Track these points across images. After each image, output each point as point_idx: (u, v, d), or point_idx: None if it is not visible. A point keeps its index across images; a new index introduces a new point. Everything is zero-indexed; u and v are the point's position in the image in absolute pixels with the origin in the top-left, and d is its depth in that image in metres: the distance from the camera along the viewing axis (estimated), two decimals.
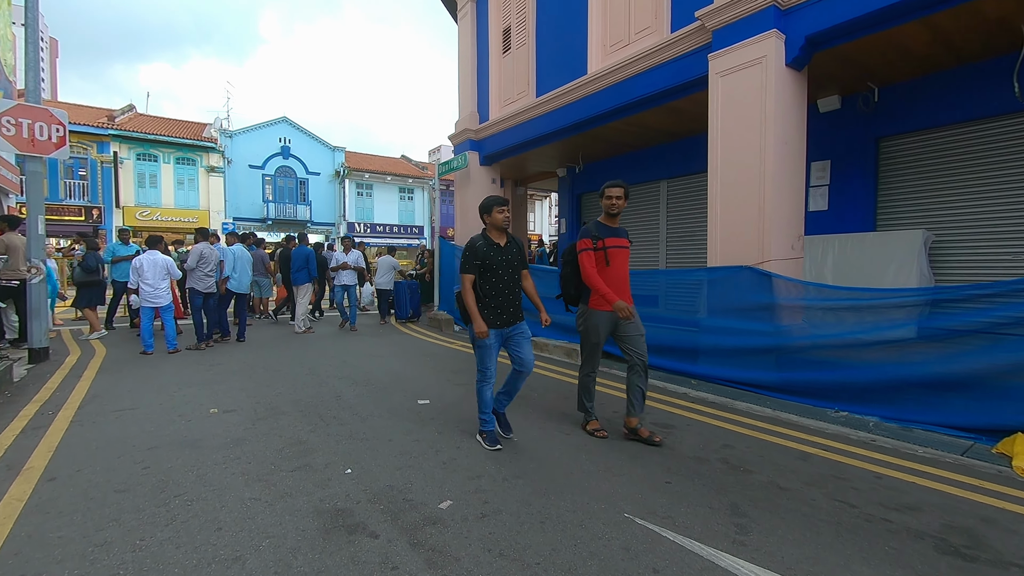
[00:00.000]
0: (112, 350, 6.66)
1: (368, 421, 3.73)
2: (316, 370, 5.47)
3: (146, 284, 6.47)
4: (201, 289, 6.83)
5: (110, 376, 5.17)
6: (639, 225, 8.90)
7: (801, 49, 4.61)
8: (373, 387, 4.74)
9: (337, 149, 28.48)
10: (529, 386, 4.78)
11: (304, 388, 4.69)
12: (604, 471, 2.86)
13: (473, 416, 3.74)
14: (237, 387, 4.73)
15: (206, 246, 6.94)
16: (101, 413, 3.92)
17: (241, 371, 5.42)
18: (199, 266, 6.81)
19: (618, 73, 6.39)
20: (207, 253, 6.86)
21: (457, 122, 9.84)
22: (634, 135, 7.75)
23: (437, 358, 6.28)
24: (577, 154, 9.12)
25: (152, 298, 6.49)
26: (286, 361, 5.98)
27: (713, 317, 5.14)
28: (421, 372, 5.43)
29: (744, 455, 3.11)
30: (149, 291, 6.49)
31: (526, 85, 8.29)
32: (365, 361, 6.01)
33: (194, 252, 6.84)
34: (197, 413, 3.92)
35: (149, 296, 6.49)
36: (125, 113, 23.65)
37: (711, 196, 5.21)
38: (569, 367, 5.76)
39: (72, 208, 20.61)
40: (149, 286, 6.47)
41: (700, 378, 5.14)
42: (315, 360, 6.04)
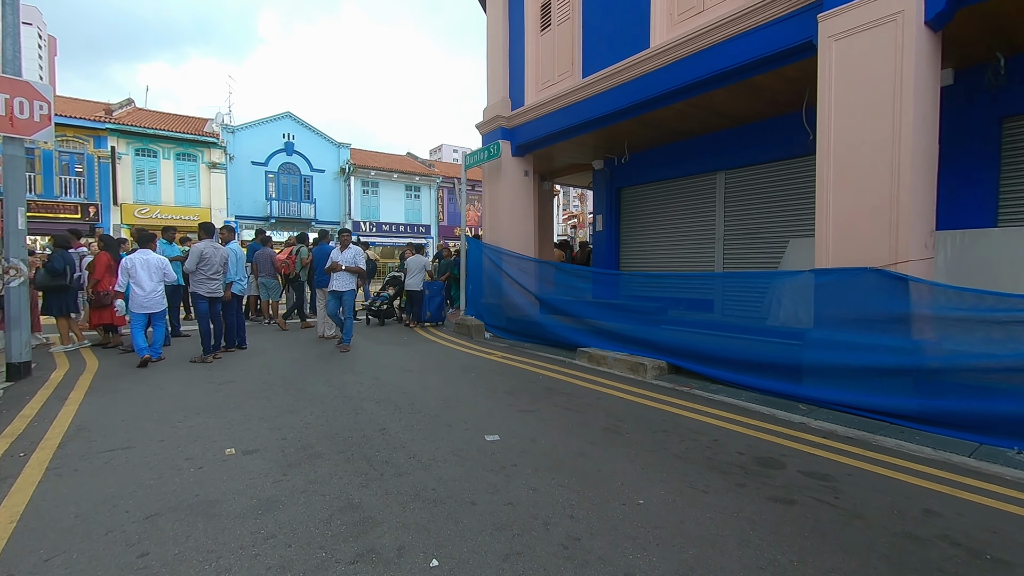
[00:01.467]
0: (105, 362, 5.80)
1: (432, 469, 2.87)
2: (346, 390, 4.62)
3: (138, 287, 5.69)
4: (203, 293, 6.00)
5: (101, 399, 4.32)
6: (689, 222, 8.06)
7: (947, 2, 3.77)
8: (421, 415, 3.88)
9: (342, 145, 27.64)
10: (609, 413, 3.93)
11: (337, 416, 3.84)
12: (799, 562, 2.01)
13: (566, 461, 2.90)
14: (255, 414, 3.87)
15: (208, 245, 6.11)
16: (87, 455, 3.07)
17: (257, 391, 4.57)
18: (200, 268, 5.97)
19: (689, 45, 5.54)
20: (209, 253, 6.02)
21: (486, 109, 8.99)
22: (695, 119, 6.90)
23: (480, 373, 5.43)
24: (619, 143, 8.28)
25: (146, 303, 5.74)
26: (308, 377, 5.12)
27: (824, 329, 4.29)
28: (470, 393, 4.58)
29: (968, 529, 2.26)
30: (142, 295, 5.71)
31: (569, 65, 7.44)
32: (399, 377, 5.16)
33: (193, 252, 6.00)
34: (209, 454, 3.07)
35: (142, 301, 5.72)
36: (123, 107, 22.78)
37: (821, 185, 4.36)
38: (640, 386, 4.92)
39: (67, 205, 19.73)
40: (141, 289, 5.70)
41: (807, 401, 4.30)
42: (340, 376, 5.19)
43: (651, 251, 8.75)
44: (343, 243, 6.94)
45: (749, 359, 4.88)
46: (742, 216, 7.34)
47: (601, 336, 6.43)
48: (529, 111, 8.10)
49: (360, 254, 6.95)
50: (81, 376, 5.14)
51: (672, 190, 8.33)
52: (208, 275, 6.03)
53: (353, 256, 6.81)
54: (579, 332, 6.74)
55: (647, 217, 8.83)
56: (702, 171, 7.76)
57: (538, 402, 4.27)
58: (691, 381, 5.06)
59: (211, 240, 6.24)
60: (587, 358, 6.00)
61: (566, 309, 7.01)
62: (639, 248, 8.99)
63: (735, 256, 7.42)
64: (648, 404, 4.25)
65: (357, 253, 6.88)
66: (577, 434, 3.46)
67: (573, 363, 6.03)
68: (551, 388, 4.76)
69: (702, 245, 7.86)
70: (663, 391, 4.71)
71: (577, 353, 6.19)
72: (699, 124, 7.11)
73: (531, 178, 8.93)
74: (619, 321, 6.34)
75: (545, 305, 7.46)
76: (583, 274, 7.29)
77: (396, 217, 29.02)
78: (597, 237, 9.76)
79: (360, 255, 6.94)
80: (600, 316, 6.55)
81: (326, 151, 27.27)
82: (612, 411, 4.02)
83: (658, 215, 8.61)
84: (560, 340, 6.96)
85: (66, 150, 19.86)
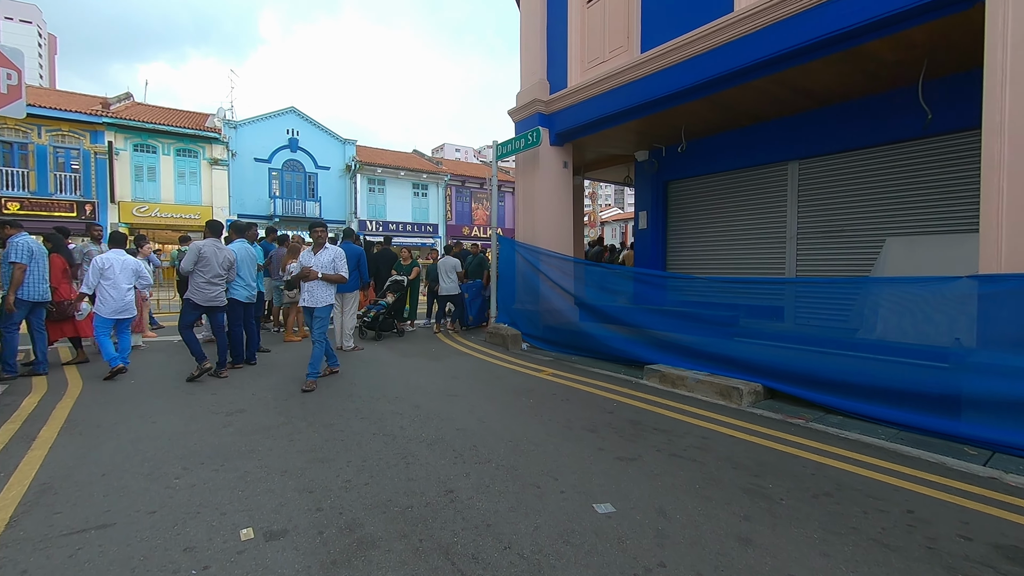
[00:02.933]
0: (90, 385, 4.90)
1: (545, 571, 1.97)
2: (384, 424, 3.72)
3: (111, 289, 5.07)
4: (199, 301, 5.16)
5: (79, 440, 3.41)
6: (753, 219, 7.15)
7: None
8: (492, 465, 2.98)
9: (348, 142, 26.74)
10: (732, 461, 3.02)
11: (384, 469, 2.94)
12: None
13: (732, 555, 2.00)
14: (276, 465, 2.98)
15: (210, 244, 5.29)
16: (47, 537, 2.18)
17: (274, 426, 3.67)
18: (198, 270, 5.13)
19: (789, 4, 4.63)
20: (208, 253, 5.18)
21: (520, 94, 8.08)
22: (774, 99, 5.99)
23: (540, 399, 4.53)
24: (674, 129, 7.37)
25: (119, 308, 5.13)
26: (333, 405, 4.22)
27: (995, 351, 3.38)
28: (541, 430, 3.68)
29: None
30: (114, 299, 5.08)
31: (624, 39, 6.53)
32: (445, 405, 4.26)
33: (191, 250, 5.16)
34: (218, 539, 2.17)
35: (117, 305, 5.10)
36: (121, 101, 21.89)
37: (990, 170, 3.45)
38: (739, 416, 4.01)
39: (63, 203, 18.85)
40: (115, 291, 5.08)
41: (969, 442, 3.40)
42: (373, 403, 4.28)
43: (705, 252, 7.84)
44: (317, 242, 5.14)
45: (876, 384, 3.97)
46: (821, 212, 6.42)
47: (666, 350, 5.52)
48: (572, 94, 7.19)
49: (341, 256, 5.18)
50: (59, 404, 4.23)
51: (732, 183, 7.41)
52: (208, 279, 5.17)
53: (332, 260, 5.09)
54: (637, 344, 5.84)
55: (701, 214, 7.92)
56: (771, 160, 6.85)
57: (634, 444, 3.36)
58: (799, 410, 4.16)
59: (216, 240, 5.36)
60: (658, 378, 5.09)
61: (622, 318, 6.10)
62: (690, 248, 8.08)
63: (811, 258, 6.51)
64: (770, 446, 3.34)
65: (337, 256, 5.15)
66: (715, 501, 2.55)
67: (640, 383, 5.12)
68: (637, 421, 3.85)
69: (769, 245, 6.95)
70: (772, 424, 3.81)
71: (644, 371, 5.28)
72: (775, 105, 6.20)
73: (570, 170, 8.02)
74: (690, 332, 5.43)
75: (594, 312, 6.55)
76: (646, 278, 6.35)
77: (403, 216, 28.13)
78: (639, 236, 8.85)
79: (341, 258, 5.17)
80: (665, 326, 5.64)
81: (331, 148, 26.37)
82: (734, 458, 3.12)
83: (714, 212, 7.69)
84: (614, 353, 6.05)
85: (61, 145, 18.98)
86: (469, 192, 30.92)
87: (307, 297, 5.02)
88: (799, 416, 4.00)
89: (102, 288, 5.11)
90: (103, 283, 5.10)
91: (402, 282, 8.17)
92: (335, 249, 5.21)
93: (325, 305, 5.03)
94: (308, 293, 5.02)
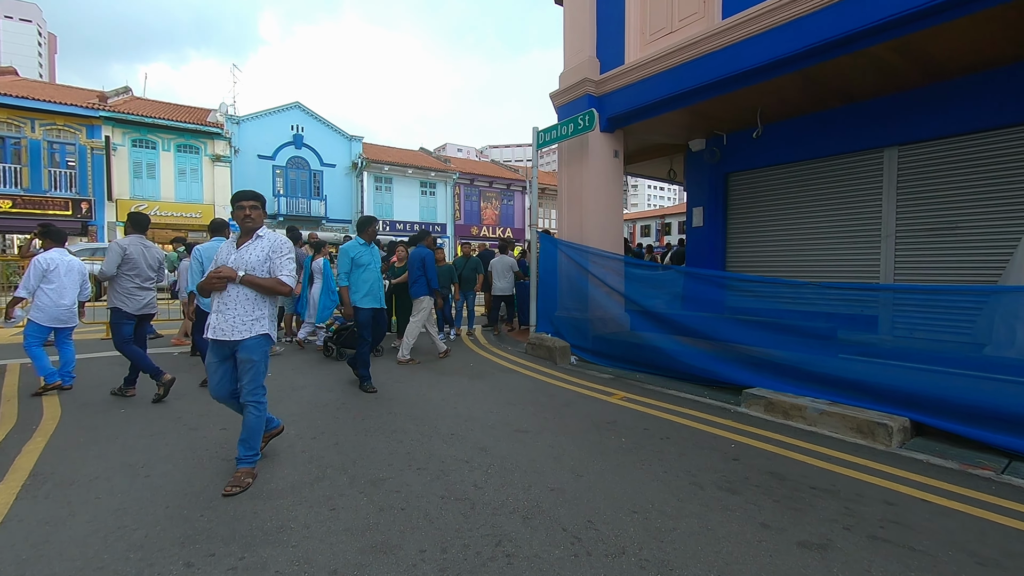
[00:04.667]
0: (71, 415, 3.98)
1: None
2: (450, 479, 2.81)
3: (52, 294, 4.41)
4: (129, 310, 4.40)
5: (40, 509, 2.49)
6: (838, 215, 6.24)
7: None
8: (632, 561, 2.07)
9: (354, 139, 25.86)
10: (912, 527, 2.10)
11: (478, 569, 2.02)
12: None
13: None
14: (321, 561, 2.06)
15: (135, 241, 4.53)
16: None
17: (305, 483, 2.76)
18: (123, 273, 4.40)
19: None
20: (134, 253, 4.44)
21: (563, 74, 7.17)
22: (882, 72, 5.08)
23: (633, 437, 3.61)
24: (739, 113, 6.47)
25: (62, 316, 4.50)
26: (375, 446, 3.31)
27: None
28: (661, 489, 2.77)
29: None
30: (54, 303, 4.42)
31: (699, 3, 5.63)
32: (518, 447, 3.34)
33: (112, 250, 4.38)
34: None
35: (59, 313, 4.46)
36: (120, 95, 21.01)
37: None
38: (899, 464, 3.10)
39: (57, 201, 17.96)
40: (56, 295, 4.43)
41: None
42: (425, 443, 3.38)
43: (773, 252, 6.93)
44: (245, 227, 2.91)
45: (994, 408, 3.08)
46: (926, 206, 5.51)
47: (759, 369, 4.62)
48: (629, 72, 6.28)
49: (282, 250, 2.90)
50: (27, 444, 3.32)
51: (810, 174, 6.50)
52: (139, 283, 4.42)
53: (265, 256, 2.87)
54: (720, 361, 4.94)
55: (769, 210, 7.00)
56: (862, 147, 5.93)
57: (803, 517, 2.44)
58: (968, 454, 3.25)
59: (141, 236, 4.57)
60: (763, 406, 4.18)
61: (700, 329, 5.18)
62: (754, 248, 7.17)
63: (913, 259, 5.60)
64: (991, 519, 2.43)
65: (276, 250, 2.89)
66: None
67: (739, 412, 4.21)
68: (780, 475, 2.94)
69: (859, 245, 6.03)
70: (955, 478, 2.90)
71: (743, 397, 4.37)
72: (879, 80, 5.28)
73: (620, 160, 7.11)
74: (787, 348, 4.54)
75: (662, 323, 5.64)
76: (734, 284, 5.38)
77: (410, 215, 27.21)
78: (692, 235, 7.95)
79: (282, 252, 2.90)
80: (755, 340, 4.74)
81: (337, 144, 25.48)
82: (961, 542, 2.21)
83: (786, 207, 6.78)
84: (688, 371, 5.15)
85: (56, 140, 18.10)
86: (478, 191, 30.00)
87: (218, 322, 2.78)
88: (981, 465, 3.09)
89: (41, 292, 4.39)
90: (44, 287, 4.39)
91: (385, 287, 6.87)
92: (274, 238, 2.91)
93: (254, 337, 2.79)
94: (220, 315, 2.78)
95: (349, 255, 4.92)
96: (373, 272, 5.03)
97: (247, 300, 2.82)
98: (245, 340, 2.79)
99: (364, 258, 4.98)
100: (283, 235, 3.03)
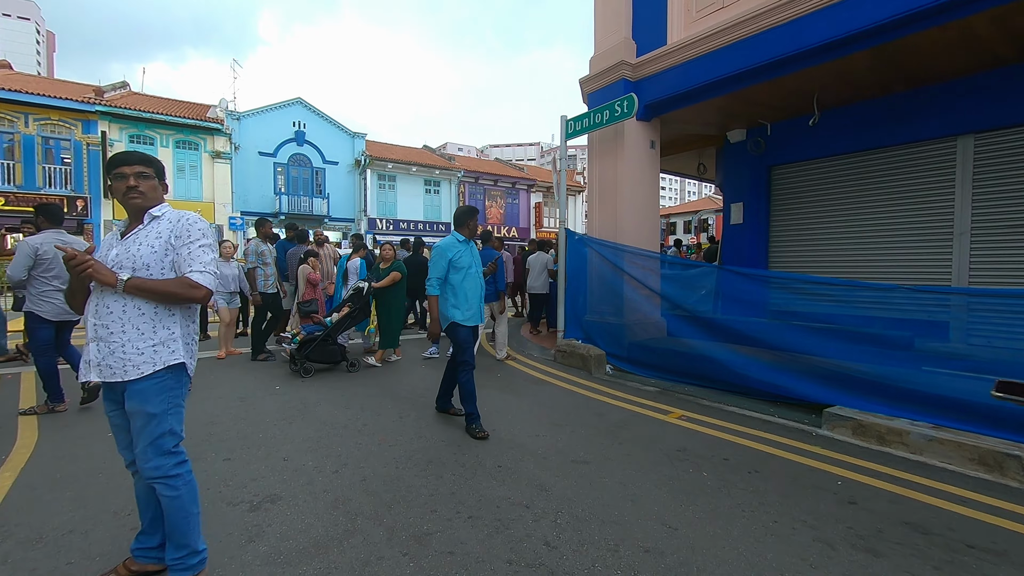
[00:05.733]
0: (49, 438, 3.41)
1: None
2: (516, 537, 2.25)
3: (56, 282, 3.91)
4: (46, 316, 3.90)
5: None
6: (902, 210, 5.68)
7: None
8: None
9: (357, 136, 25.26)
10: None
11: None
12: None
13: None
14: None
15: (48, 238, 3.93)
16: None
17: (337, 541, 2.19)
18: (38, 276, 3.89)
19: None
20: (48, 251, 3.89)
21: (595, 58, 6.60)
22: (968, 50, 4.52)
23: (711, 467, 3.05)
24: (790, 99, 5.91)
25: None
26: (418, 488, 2.74)
27: None
28: (783, 550, 2.21)
29: None
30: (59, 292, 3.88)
31: None
32: (584, 486, 2.78)
33: (22, 249, 3.82)
34: None
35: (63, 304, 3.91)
36: (117, 90, 20.42)
37: None
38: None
39: (52, 198, 17.34)
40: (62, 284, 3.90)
41: None
42: (475, 481, 2.81)
43: (823, 251, 6.37)
44: (133, 208, 1.86)
45: None
46: (1007, 200, 4.96)
47: (837, 384, 4.05)
48: (672, 53, 5.71)
49: (190, 236, 1.85)
50: None
51: (871, 165, 5.94)
52: (59, 286, 3.88)
53: (164, 246, 1.83)
54: (787, 375, 4.37)
55: (818, 206, 6.44)
56: (931, 135, 5.38)
57: None
58: None
59: (57, 230, 3.99)
60: (851, 429, 3.62)
61: (762, 337, 4.62)
62: (804, 247, 6.61)
63: (992, 259, 5.05)
64: None
65: (180, 233, 1.85)
66: None
67: (823, 436, 3.65)
68: (917, 525, 2.38)
69: (927, 244, 5.48)
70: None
71: (825, 418, 3.80)
72: (961, 60, 4.73)
73: (657, 151, 6.55)
74: (868, 360, 3.98)
75: (712, 329, 5.07)
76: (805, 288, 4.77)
77: (414, 214, 26.63)
78: (730, 232, 7.39)
79: (193, 239, 1.85)
80: (829, 351, 4.17)
81: (339, 141, 24.89)
82: None
83: (838, 203, 6.22)
84: (748, 384, 4.57)
85: (51, 135, 17.50)
86: (483, 189, 29.42)
87: (100, 355, 1.76)
88: None
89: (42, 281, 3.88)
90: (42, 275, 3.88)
91: (362, 290, 5.81)
92: (177, 218, 1.89)
93: (156, 374, 1.78)
94: (101, 344, 1.75)
95: (446, 256, 3.69)
96: (475, 279, 3.82)
97: (141, 317, 1.76)
98: (139, 381, 1.75)
99: (464, 259, 3.75)
100: (192, 214, 1.93)
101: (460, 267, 3.73)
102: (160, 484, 1.80)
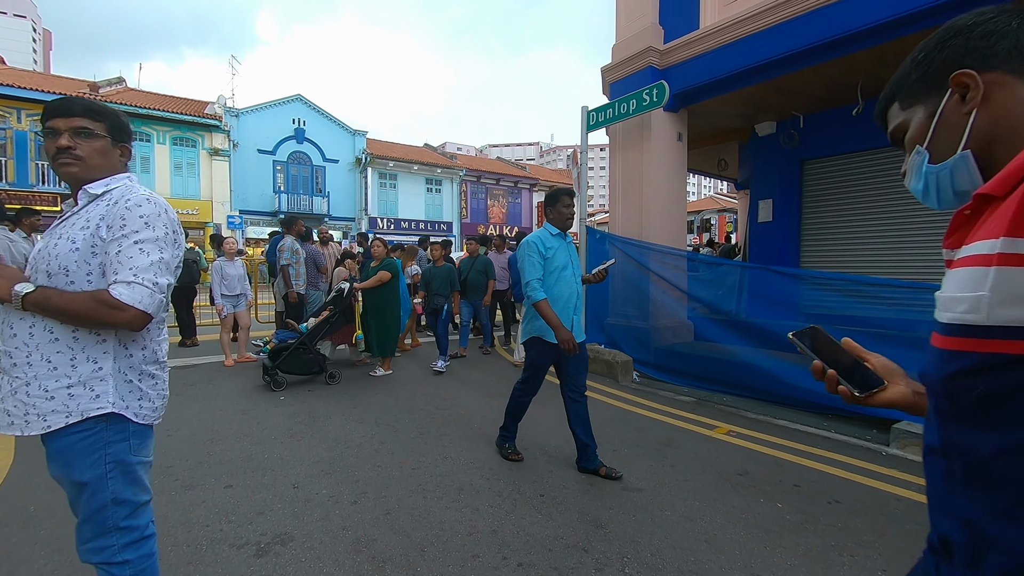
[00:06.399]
0: (23, 465, 3.01)
1: None
2: None
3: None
4: None
5: None
6: None
7: None
8: None
9: (358, 133, 24.85)
10: None
11: None
12: None
13: None
14: None
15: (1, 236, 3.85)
16: None
17: None
18: None
19: None
20: None
21: (618, 45, 6.22)
22: None
23: (783, 496, 2.67)
24: (827, 88, 5.55)
25: None
26: (449, 517, 2.36)
27: None
28: None
29: None
30: None
31: None
32: (641, 521, 2.39)
33: None
34: None
35: None
36: (112, 85, 19.99)
37: None
38: None
39: (45, 196, 16.95)
40: None
41: None
42: (515, 509, 2.42)
43: (866, 251, 5.99)
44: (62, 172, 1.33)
45: None
46: None
47: None
48: (706, 37, 5.34)
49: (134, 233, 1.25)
50: None
51: None
52: None
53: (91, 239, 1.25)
54: None
55: (854, 203, 6.07)
56: None
57: None
58: None
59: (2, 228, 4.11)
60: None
61: None
62: (841, 246, 6.24)
63: None
64: None
65: (114, 220, 1.25)
66: None
67: (894, 456, 3.28)
68: None
69: None
70: None
71: (895, 435, 3.41)
72: None
73: (684, 144, 6.17)
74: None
75: (753, 335, 4.70)
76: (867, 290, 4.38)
77: (416, 213, 26.25)
78: (757, 230, 7.01)
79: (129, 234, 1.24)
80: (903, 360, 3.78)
81: (340, 139, 24.48)
82: None
83: (884, 199, 5.84)
84: (792, 395, 4.19)
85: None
86: (485, 188, 29.05)
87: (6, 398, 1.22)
88: None
89: None
90: None
91: (343, 290, 5.30)
92: (117, 196, 1.31)
93: (73, 426, 1.22)
94: (5, 377, 1.22)
95: (538, 249, 2.90)
96: (569, 283, 2.96)
97: (53, 344, 1.22)
98: (54, 438, 1.24)
99: (559, 257, 2.96)
100: (139, 194, 1.31)
101: (554, 266, 2.93)
102: (103, 571, 1.29)
